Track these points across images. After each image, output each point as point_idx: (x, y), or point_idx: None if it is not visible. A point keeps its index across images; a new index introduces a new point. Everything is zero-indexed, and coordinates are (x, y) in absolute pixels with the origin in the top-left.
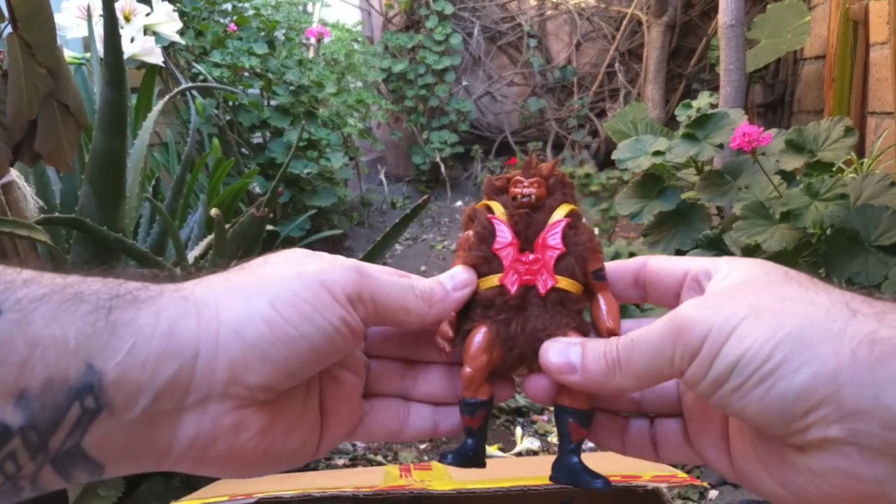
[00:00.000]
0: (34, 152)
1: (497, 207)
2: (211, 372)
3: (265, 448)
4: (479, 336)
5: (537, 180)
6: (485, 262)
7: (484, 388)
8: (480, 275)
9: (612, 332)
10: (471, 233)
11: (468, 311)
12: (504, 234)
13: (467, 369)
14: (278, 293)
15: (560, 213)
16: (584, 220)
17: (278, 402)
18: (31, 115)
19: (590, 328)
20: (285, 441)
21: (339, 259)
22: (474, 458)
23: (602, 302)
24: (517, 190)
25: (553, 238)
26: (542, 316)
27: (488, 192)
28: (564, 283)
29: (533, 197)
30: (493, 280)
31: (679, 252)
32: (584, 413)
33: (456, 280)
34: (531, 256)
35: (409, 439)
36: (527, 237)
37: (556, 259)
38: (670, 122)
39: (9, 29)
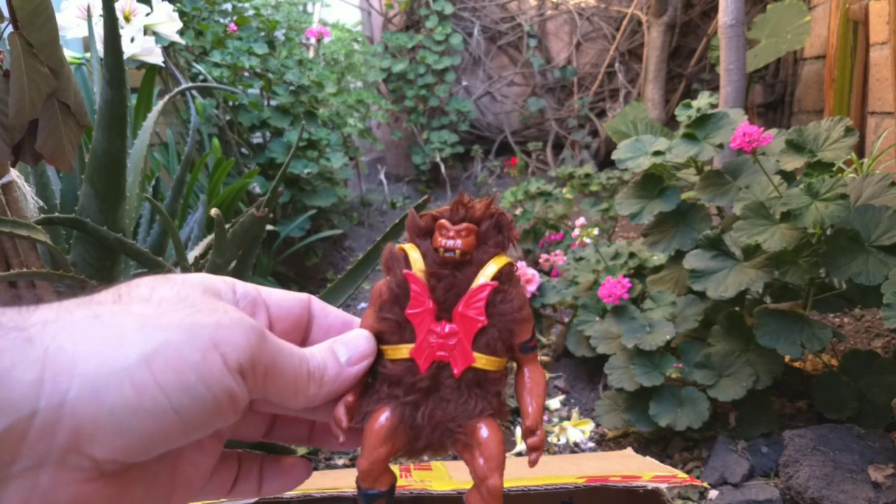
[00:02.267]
0: (35, 152)
1: (416, 259)
2: (49, 436)
3: None
4: (381, 422)
5: (466, 227)
6: (395, 327)
7: (384, 477)
8: (388, 342)
9: (531, 428)
10: (384, 287)
11: (374, 381)
12: (419, 297)
13: (364, 462)
14: (158, 348)
15: (488, 272)
16: (516, 275)
17: (128, 473)
18: (34, 115)
19: (507, 411)
20: None
21: (241, 314)
22: None
23: (527, 379)
24: (441, 240)
25: (475, 307)
26: (454, 400)
27: (410, 233)
28: (483, 361)
29: (457, 252)
30: (403, 351)
31: (679, 252)
32: None
33: (352, 352)
34: (447, 328)
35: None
36: (445, 302)
37: (477, 332)
38: (670, 123)
39: (10, 28)
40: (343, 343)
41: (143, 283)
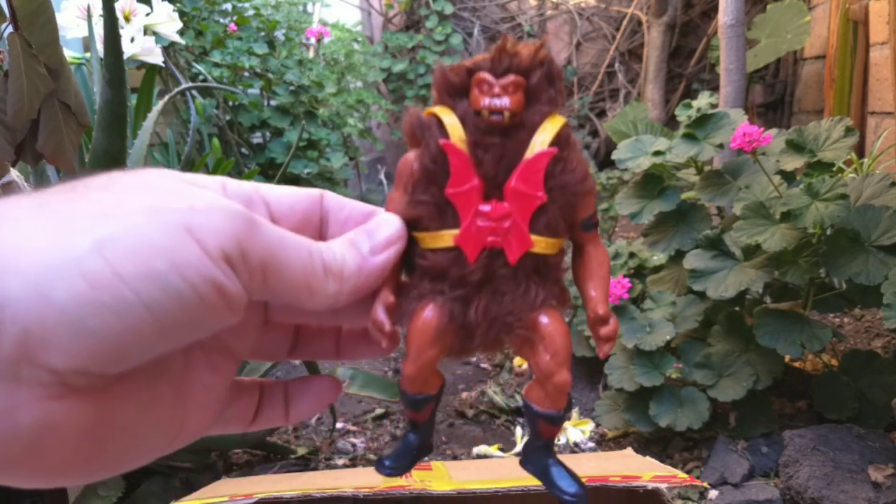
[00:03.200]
0: (36, 152)
1: (452, 126)
2: None
3: (89, 454)
4: (428, 321)
5: (513, 81)
6: (434, 211)
7: (433, 380)
8: (426, 229)
9: (604, 317)
10: (414, 162)
11: (411, 277)
12: (462, 172)
13: (412, 367)
14: (115, 233)
15: (545, 136)
16: (573, 137)
17: (112, 390)
18: (32, 115)
19: (570, 298)
20: (122, 442)
21: (223, 199)
22: (419, 453)
23: (591, 260)
24: (484, 99)
25: (532, 181)
26: (511, 292)
27: (441, 92)
28: (543, 244)
29: (506, 114)
30: (446, 239)
31: (679, 252)
32: (555, 415)
33: (375, 239)
34: (499, 208)
35: (258, 429)
36: (495, 176)
37: (535, 211)
38: (670, 122)
39: (10, 29)
40: (365, 231)
41: (105, 174)
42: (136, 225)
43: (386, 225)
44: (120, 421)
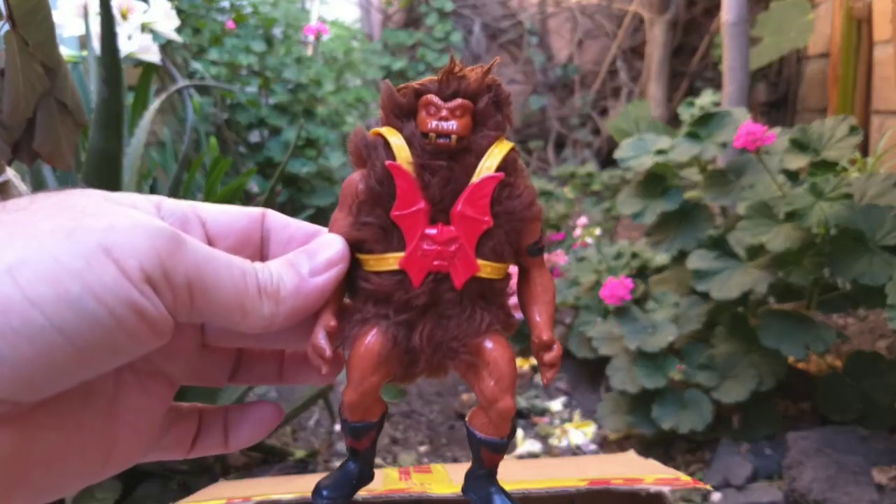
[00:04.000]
0: (32, 151)
1: (399, 147)
2: None
3: (10, 484)
4: (370, 346)
5: (460, 104)
6: (379, 234)
7: (374, 408)
8: (370, 251)
9: (548, 343)
10: (360, 183)
11: (354, 300)
12: (408, 195)
13: (353, 394)
14: (26, 256)
15: (492, 161)
16: (520, 163)
17: (32, 417)
18: (28, 114)
19: (515, 323)
20: (46, 471)
21: (147, 217)
22: (359, 482)
23: (536, 285)
24: (431, 121)
25: (479, 206)
26: (456, 317)
27: (387, 112)
28: (489, 269)
29: (454, 137)
30: (391, 262)
31: (683, 252)
32: (498, 443)
33: (316, 260)
34: (445, 229)
35: (195, 455)
36: (441, 200)
37: (481, 235)
38: (673, 121)
39: (6, 27)
40: (305, 251)
41: (28, 196)
42: (49, 246)
43: (328, 246)
44: (42, 449)
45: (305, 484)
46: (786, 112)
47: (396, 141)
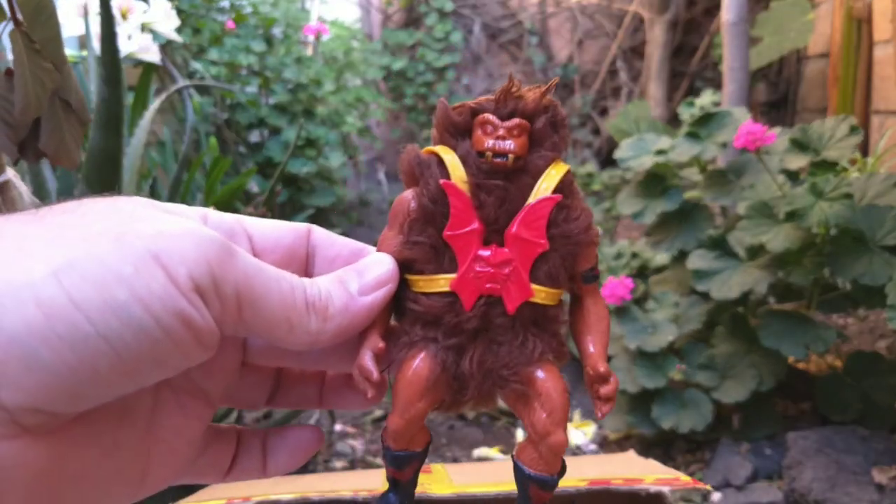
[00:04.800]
0: (37, 150)
1: (454, 166)
2: None
3: (45, 499)
4: (418, 371)
5: (518, 124)
6: (430, 253)
7: (419, 436)
8: (420, 272)
9: (604, 375)
10: (412, 201)
11: (402, 322)
12: (462, 214)
13: (399, 420)
14: (74, 259)
15: (549, 182)
16: (576, 185)
17: (69, 431)
18: (39, 112)
19: (568, 353)
20: (80, 490)
21: (197, 225)
22: None
23: (590, 314)
24: (488, 140)
25: (534, 228)
26: (508, 343)
27: (441, 130)
28: (543, 294)
29: (511, 158)
30: (442, 283)
31: (683, 252)
32: (548, 479)
33: (365, 278)
34: (499, 254)
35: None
36: (496, 220)
37: (536, 259)
38: (673, 121)
39: (10, 26)
40: (355, 269)
41: (74, 201)
42: (97, 251)
43: (378, 264)
44: (78, 466)
45: (305, 484)
46: (786, 112)
47: (451, 159)
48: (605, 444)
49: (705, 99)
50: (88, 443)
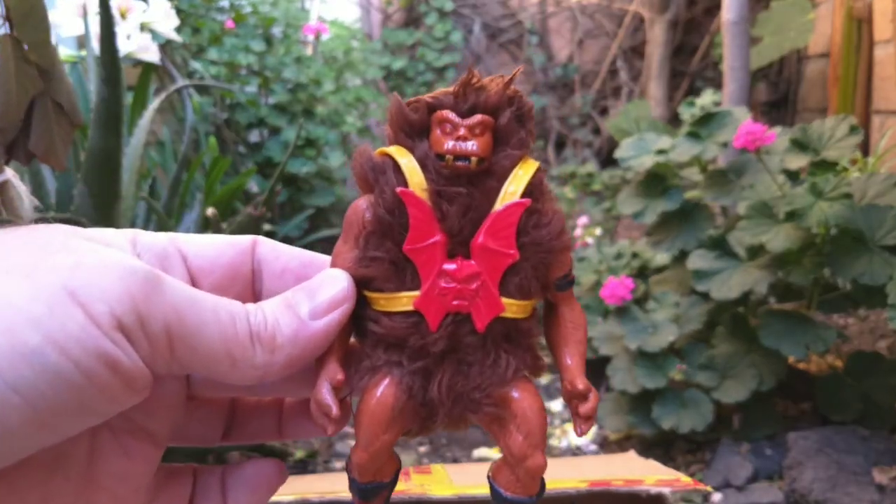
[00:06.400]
0: (28, 151)
1: (411, 170)
2: None
3: None
4: (382, 400)
5: (480, 121)
6: (390, 270)
7: (387, 467)
8: (380, 290)
9: (583, 392)
10: (367, 211)
11: (363, 343)
12: (423, 226)
13: (363, 454)
14: None
15: (516, 185)
16: (546, 184)
17: None
18: (19, 116)
19: (545, 366)
20: None
21: (119, 255)
22: None
23: (567, 322)
24: (448, 141)
25: (503, 236)
26: (478, 363)
27: (396, 129)
28: (514, 308)
29: (473, 159)
30: (404, 302)
31: (683, 252)
32: (526, 502)
33: (317, 299)
34: (465, 264)
35: None
36: (460, 231)
37: (506, 270)
38: (673, 120)
39: (3, 29)
40: (304, 290)
41: None
42: (4, 290)
43: (331, 282)
44: None
45: (305, 485)
46: (786, 112)
47: (408, 163)
48: (606, 445)
49: (706, 98)
50: (14, 498)
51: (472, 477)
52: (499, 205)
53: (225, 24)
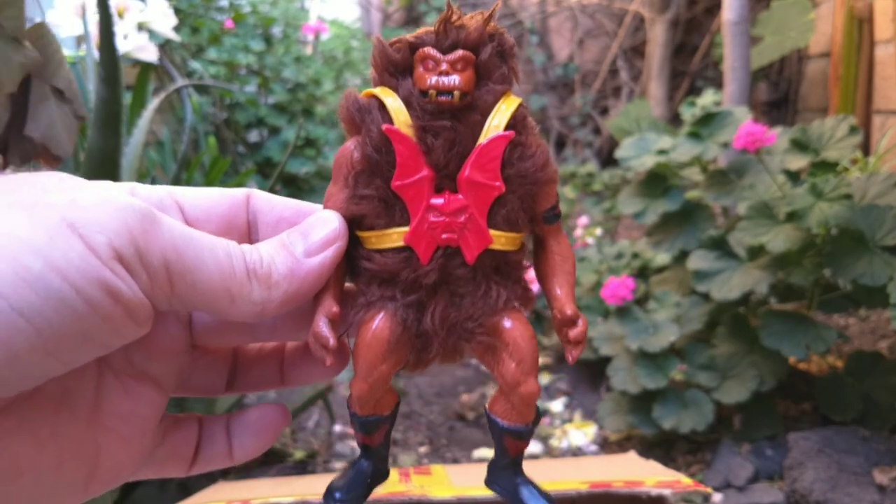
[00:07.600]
0: (24, 151)
1: (396, 109)
2: None
3: None
4: (378, 333)
5: (462, 56)
6: (379, 207)
7: (386, 399)
8: (371, 227)
9: (572, 318)
10: (355, 151)
11: (357, 282)
12: (410, 162)
13: (362, 385)
14: None
15: (500, 118)
16: (530, 120)
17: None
18: (11, 88)
19: (534, 298)
20: (17, 486)
21: (116, 193)
22: (374, 481)
23: (554, 255)
24: (430, 77)
25: (488, 170)
26: (470, 294)
27: (381, 70)
28: (503, 240)
29: (456, 93)
30: (395, 238)
31: (684, 252)
32: (522, 430)
33: (311, 239)
34: (453, 200)
35: (201, 470)
36: (446, 165)
37: (493, 203)
38: (674, 120)
39: None
40: (299, 231)
41: None
42: (4, 223)
43: (324, 223)
44: (8, 460)
45: (305, 486)
46: (787, 111)
47: (392, 102)
48: (606, 445)
49: (706, 98)
50: (21, 433)
51: (472, 478)
52: (483, 138)
53: (224, 24)
